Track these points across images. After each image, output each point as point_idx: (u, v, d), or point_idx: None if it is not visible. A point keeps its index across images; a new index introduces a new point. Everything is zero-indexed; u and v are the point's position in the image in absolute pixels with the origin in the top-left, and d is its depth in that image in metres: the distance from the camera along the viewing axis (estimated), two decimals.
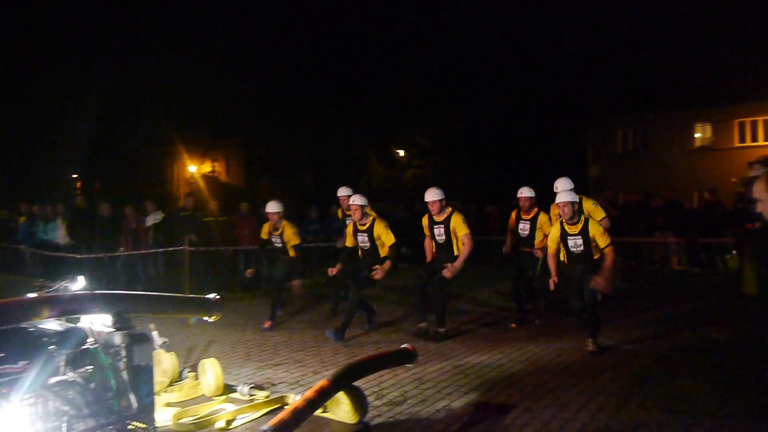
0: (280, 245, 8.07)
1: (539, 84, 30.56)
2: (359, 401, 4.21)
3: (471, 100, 30.82)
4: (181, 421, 4.22)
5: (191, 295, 5.06)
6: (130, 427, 3.53)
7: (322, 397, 3.86)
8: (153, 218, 11.25)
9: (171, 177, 39.88)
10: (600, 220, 6.70)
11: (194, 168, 37.64)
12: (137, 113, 35.31)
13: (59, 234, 12.86)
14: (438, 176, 26.91)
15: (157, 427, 3.62)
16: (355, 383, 4.24)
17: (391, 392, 5.00)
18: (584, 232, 6.12)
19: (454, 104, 30.89)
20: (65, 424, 3.29)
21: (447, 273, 6.66)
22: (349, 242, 7.37)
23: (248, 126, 34.53)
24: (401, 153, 33.22)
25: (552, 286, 6.28)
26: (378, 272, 6.82)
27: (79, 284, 3.70)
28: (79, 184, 39.30)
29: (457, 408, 4.59)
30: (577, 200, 6.37)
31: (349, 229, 7.34)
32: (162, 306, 4.45)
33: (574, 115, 28.61)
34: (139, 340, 3.54)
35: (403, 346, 4.86)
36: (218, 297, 4.71)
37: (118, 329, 3.50)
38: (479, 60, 33.76)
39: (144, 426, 3.59)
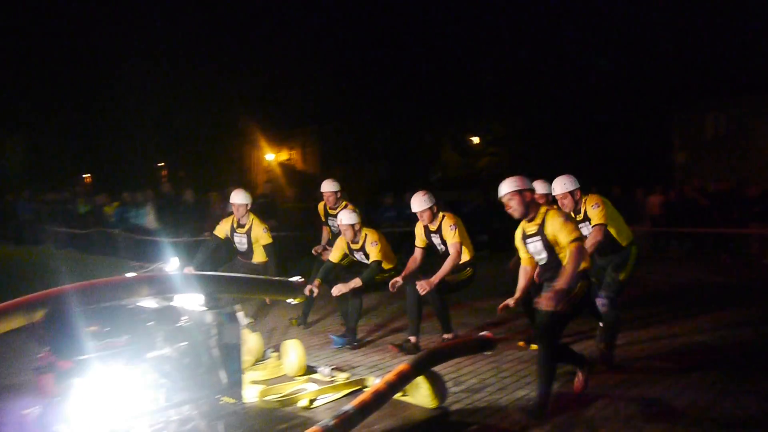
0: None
1: (620, 67, 29.30)
2: (439, 387, 4.23)
3: (548, 85, 29.97)
4: (266, 398, 4.39)
5: (276, 278, 5.21)
6: (220, 401, 3.70)
7: (402, 380, 3.90)
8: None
9: (250, 165, 41.19)
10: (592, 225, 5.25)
11: (272, 156, 38.73)
12: (219, 104, 36.69)
13: (148, 219, 13.59)
14: (513, 164, 26.40)
15: (244, 403, 3.77)
16: (434, 369, 4.27)
17: (470, 379, 4.98)
18: (542, 232, 4.20)
19: (531, 90, 30.13)
20: (163, 396, 3.51)
21: (421, 289, 5.58)
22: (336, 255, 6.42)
23: (324, 114, 35.14)
24: (476, 140, 32.76)
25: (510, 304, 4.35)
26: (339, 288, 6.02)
27: (173, 266, 3.90)
28: (165, 173, 41.24)
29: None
30: (568, 189, 5.29)
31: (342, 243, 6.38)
32: (249, 287, 4.63)
33: (658, 99, 27.24)
34: (228, 320, 3.70)
35: (482, 333, 4.83)
36: (302, 279, 4.84)
37: (209, 308, 3.67)
38: (556, 45, 32.74)
39: (233, 401, 3.76)
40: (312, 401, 4.36)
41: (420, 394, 4.20)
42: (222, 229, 6.72)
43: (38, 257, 14.70)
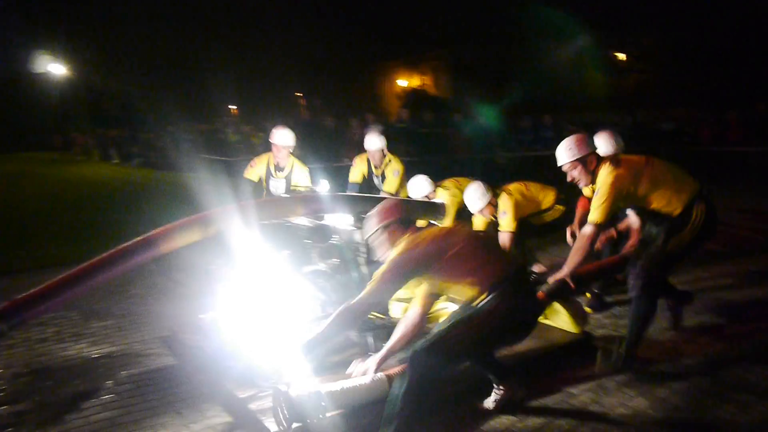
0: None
1: None
2: (577, 312, 4.18)
3: None
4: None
5: (420, 199, 5.32)
6: (369, 317, 3.95)
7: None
8: (377, 126, 11.91)
9: (383, 92, 41.49)
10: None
11: (404, 82, 38.68)
12: (352, 34, 36.95)
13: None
14: (664, 81, 24.16)
15: (391, 318, 3.99)
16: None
17: (615, 306, 4.88)
18: None
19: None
20: (318, 308, 3.81)
21: None
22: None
23: (455, 38, 34.17)
24: (622, 56, 30.23)
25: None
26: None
27: (323, 187, 4.13)
28: (303, 101, 42.82)
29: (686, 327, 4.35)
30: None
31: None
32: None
33: None
34: None
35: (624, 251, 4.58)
36: (443, 202, 4.90)
37: (357, 228, 3.86)
38: None
39: (382, 316, 3.99)
40: None
41: (560, 320, 4.20)
42: (255, 172, 5.77)
43: (194, 183, 16.16)
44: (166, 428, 3.30)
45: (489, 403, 3.28)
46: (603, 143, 4.28)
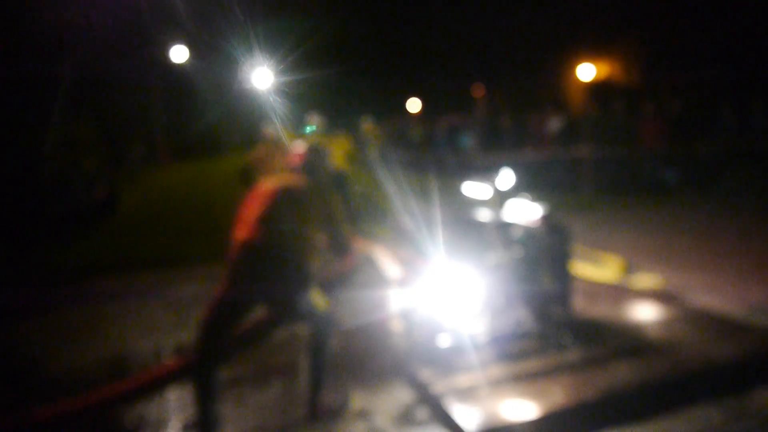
0: None
1: None
2: None
3: None
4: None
5: None
6: (549, 309, 3.97)
7: None
8: (555, 123, 11.61)
9: (567, 84, 39.84)
10: None
11: (587, 70, 36.77)
12: (533, 24, 35.94)
13: (471, 141, 14.51)
14: None
15: (574, 313, 3.97)
16: None
17: None
18: None
19: None
20: (503, 298, 3.93)
21: None
22: None
23: (646, 18, 31.60)
24: None
25: None
26: None
27: (507, 181, 4.21)
28: (482, 96, 42.60)
29: None
30: None
31: None
32: None
33: None
34: (557, 231, 3.89)
35: None
36: None
37: (540, 221, 3.90)
38: None
39: (562, 310, 3.98)
40: None
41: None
42: None
43: (383, 179, 17.01)
44: (357, 399, 3.65)
45: None
46: None
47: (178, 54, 30.85)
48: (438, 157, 16.37)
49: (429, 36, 36.09)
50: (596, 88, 30.31)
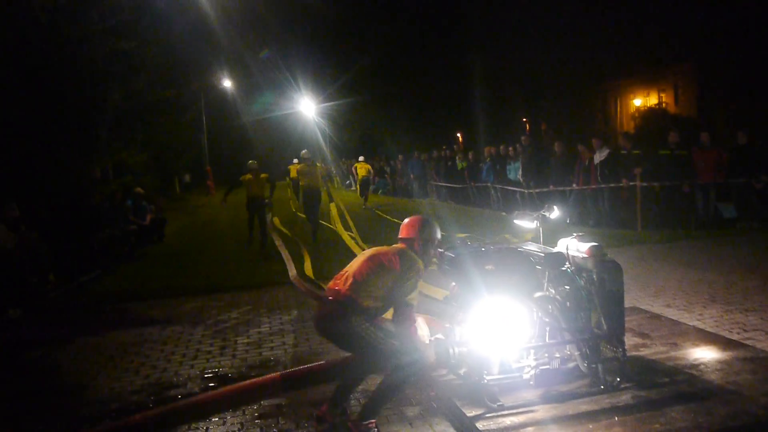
0: None
1: None
2: None
3: None
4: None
5: None
6: (601, 347, 3.79)
7: None
8: (600, 155, 11.36)
9: (614, 113, 39.24)
10: None
11: (639, 101, 36.14)
12: (580, 52, 35.70)
13: (517, 171, 14.33)
14: None
15: (625, 352, 3.78)
16: None
17: None
18: None
19: None
20: (546, 333, 3.78)
21: None
22: None
23: (701, 48, 30.95)
24: None
25: None
26: None
27: (556, 214, 4.10)
28: (527, 127, 42.45)
29: None
30: None
31: None
32: None
33: None
34: (610, 268, 3.73)
35: None
36: None
37: (590, 256, 3.75)
38: None
39: (613, 349, 3.80)
40: None
41: None
42: None
43: (424, 209, 17.00)
44: None
45: None
46: None
47: (225, 84, 31.96)
48: (483, 187, 16.25)
49: (475, 66, 36.26)
50: (648, 118, 29.72)
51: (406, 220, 3.64)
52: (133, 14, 9.94)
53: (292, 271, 7.67)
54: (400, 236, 3.60)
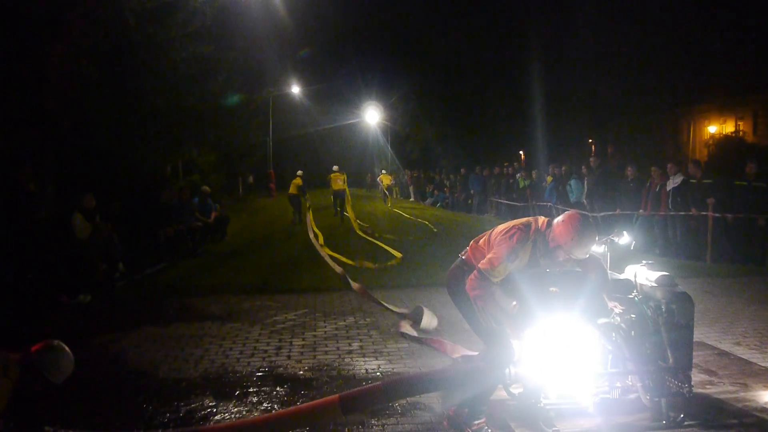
0: None
1: None
2: None
3: None
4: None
5: None
6: (666, 380, 3.65)
7: None
8: (673, 182, 10.96)
9: (687, 139, 37.83)
10: None
11: (714, 128, 34.71)
12: (651, 74, 34.66)
13: (580, 192, 14.01)
14: None
15: (692, 387, 3.63)
16: None
17: None
18: None
19: None
20: (608, 361, 3.67)
21: None
22: None
23: None
24: None
25: None
26: None
27: (625, 239, 3.98)
28: (593, 148, 41.43)
29: None
30: None
31: None
32: None
33: None
34: (680, 299, 3.60)
35: None
36: None
37: (660, 285, 3.63)
38: None
39: (678, 384, 3.65)
40: None
41: None
42: None
43: (482, 225, 16.84)
44: None
45: None
46: None
47: (291, 91, 32.71)
48: (544, 206, 15.94)
49: (541, 83, 35.72)
50: (724, 146, 28.49)
51: (570, 213, 3.51)
52: (214, 20, 10.38)
53: (355, 285, 7.70)
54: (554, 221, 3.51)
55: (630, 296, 3.67)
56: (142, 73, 9.57)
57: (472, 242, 3.80)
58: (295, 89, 33.32)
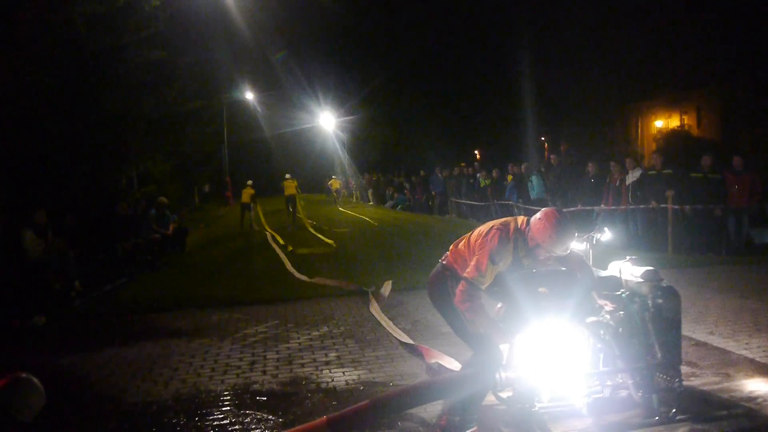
0: None
1: None
2: None
3: None
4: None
5: None
6: (655, 376, 3.63)
7: None
8: (632, 176, 11.18)
9: (636, 134, 38.94)
10: None
11: (660, 123, 35.84)
12: (600, 71, 35.52)
13: (542, 190, 14.16)
14: None
15: (681, 382, 3.61)
16: None
17: None
18: None
19: None
20: (600, 360, 3.63)
21: None
22: None
23: (724, 71, 30.68)
24: None
25: None
26: None
27: (606, 236, 3.96)
28: (546, 146, 42.21)
29: None
30: None
31: None
32: None
33: None
34: (667, 294, 3.58)
35: None
36: None
37: (646, 281, 3.60)
38: None
39: (668, 379, 3.63)
40: None
41: None
42: None
43: (445, 225, 16.87)
44: None
45: None
46: None
47: (245, 97, 32.23)
48: (505, 204, 16.07)
49: (493, 83, 36.23)
50: (671, 140, 29.42)
51: (546, 210, 3.46)
52: (167, 26, 10.04)
53: (374, 305, 7.44)
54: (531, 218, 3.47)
55: (618, 293, 3.63)
56: (95, 80, 9.16)
57: (452, 246, 3.71)
58: (249, 95, 32.80)
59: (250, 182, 19.39)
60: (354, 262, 10.98)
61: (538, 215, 3.43)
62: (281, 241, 12.34)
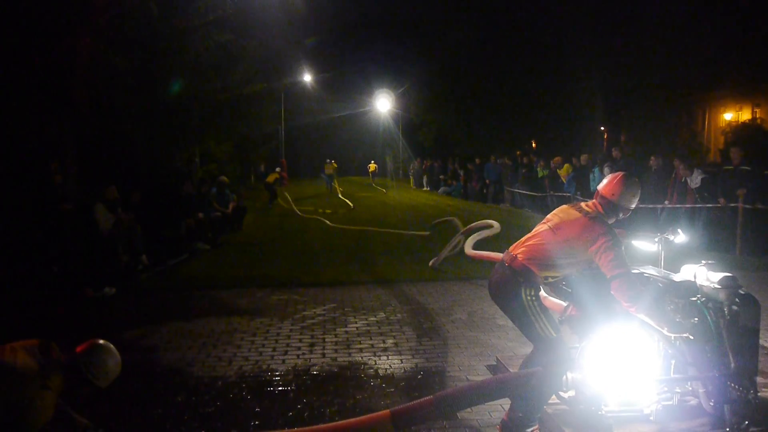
0: None
1: None
2: None
3: None
4: None
5: None
6: (729, 385, 3.50)
7: None
8: (699, 172, 10.76)
9: (702, 126, 37.32)
10: None
11: (729, 115, 34.22)
12: (665, 61, 34.05)
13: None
14: None
15: (757, 393, 3.48)
16: None
17: None
18: None
19: None
20: (671, 366, 3.53)
21: None
22: None
23: None
24: None
25: None
26: None
27: (680, 237, 3.83)
28: (606, 136, 40.98)
29: None
30: None
31: None
32: None
33: None
34: (745, 302, 3.44)
35: None
36: None
37: (724, 287, 3.47)
38: None
39: (742, 389, 3.51)
40: None
41: None
42: None
43: (499, 214, 16.66)
44: None
45: None
46: None
47: (303, 80, 32.52)
48: (564, 197, 15.75)
49: (552, 71, 35.21)
50: (741, 134, 28.04)
51: (610, 175, 3.61)
52: (234, 8, 10.24)
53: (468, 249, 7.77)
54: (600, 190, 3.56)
55: (693, 299, 3.51)
56: (166, 63, 9.46)
57: (518, 246, 3.56)
58: (307, 78, 33.10)
59: (278, 168, 22.24)
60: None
61: (603, 182, 3.60)
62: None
